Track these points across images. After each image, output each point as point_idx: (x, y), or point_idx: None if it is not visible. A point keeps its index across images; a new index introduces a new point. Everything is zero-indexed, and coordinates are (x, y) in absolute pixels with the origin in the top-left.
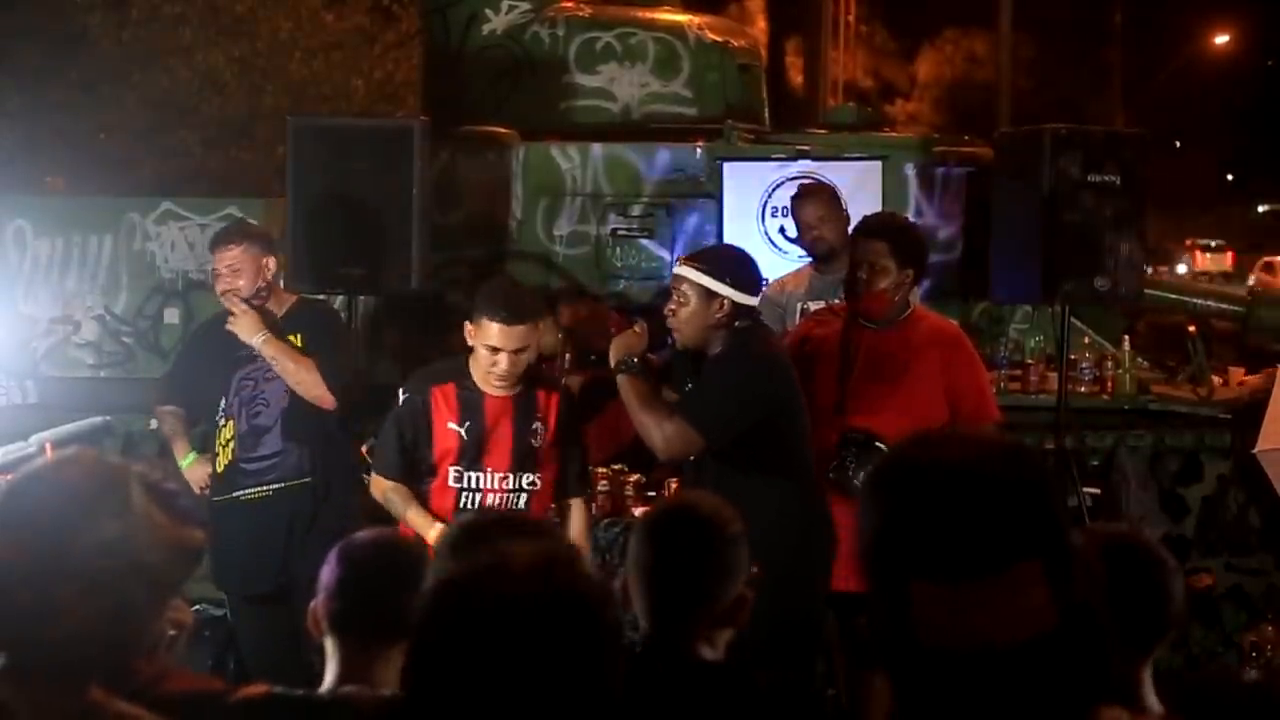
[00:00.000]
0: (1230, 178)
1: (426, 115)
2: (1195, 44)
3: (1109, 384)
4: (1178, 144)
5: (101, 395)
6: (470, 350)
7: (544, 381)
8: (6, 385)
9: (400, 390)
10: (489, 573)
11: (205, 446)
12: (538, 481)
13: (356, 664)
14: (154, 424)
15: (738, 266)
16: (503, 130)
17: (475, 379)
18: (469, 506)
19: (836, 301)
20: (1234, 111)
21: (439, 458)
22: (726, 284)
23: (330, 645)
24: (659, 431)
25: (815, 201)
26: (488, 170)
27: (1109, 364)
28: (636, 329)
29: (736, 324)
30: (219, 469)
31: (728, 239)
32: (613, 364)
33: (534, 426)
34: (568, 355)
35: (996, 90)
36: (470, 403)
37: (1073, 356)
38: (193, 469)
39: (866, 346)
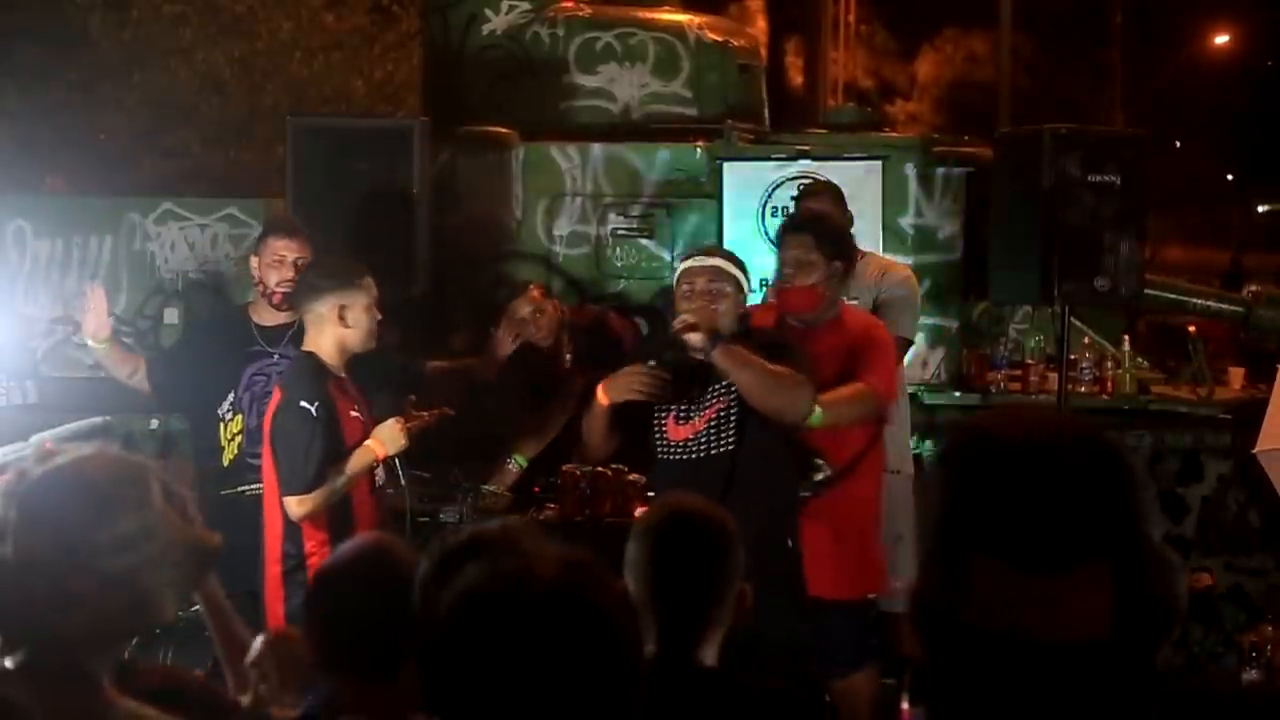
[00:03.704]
0: (1230, 178)
1: (426, 115)
2: (1195, 44)
3: (1109, 384)
4: (1178, 144)
5: (101, 395)
6: (303, 347)
7: None
8: (6, 385)
9: (300, 404)
10: (513, 584)
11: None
12: None
13: (346, 696)
14: (154, 424)
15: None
16: (503, 130)
17: (333, 362)
18: (379, 484)
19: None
20: (1234, 111)
21: (350, 448)
22: (744, 277)
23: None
24: (794, 388)
25: (820, 201)
26: (488, 170)
27: (1109, 364)
28: (698, 306)
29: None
30: (224, 462)
31: (728, 239)
32: (706, 337)
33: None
34: (568, 355)
35: (996, 90)
36: (346, 388)
37: (1073, 356)
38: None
39: None
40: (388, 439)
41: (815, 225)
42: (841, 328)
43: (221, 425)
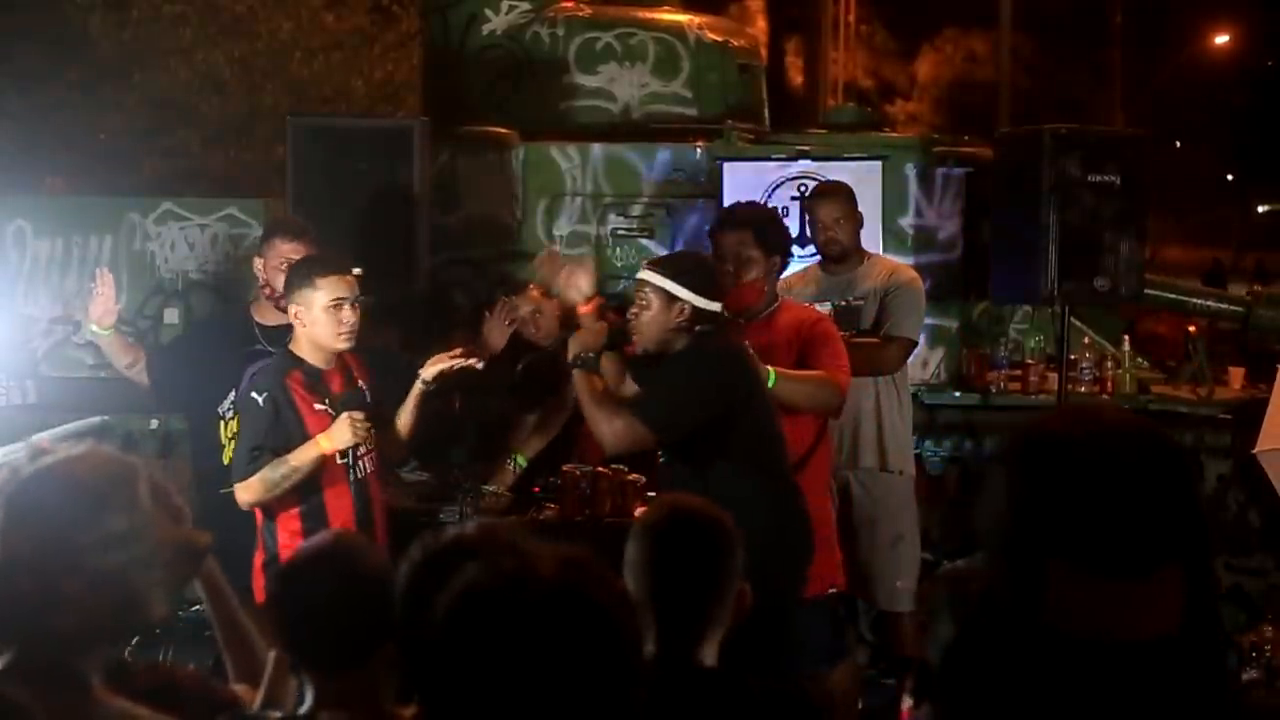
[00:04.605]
0: (1230, 178)
1: (426, 115)
2: (1195, 44)
3: (1109, 384)
4: (1178, 144)
5: (101, 395)
6: (289, 343)
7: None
8: (6, 385)
9: (250, 395)
10: (513, 582)
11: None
12: (374, 437)
13: (327, 691)
14: (154, 424)
15: (700, 272)
16: (503, 130)
17: (311, 357)
18: (359, 477)
19: (843, 303)
20: (1234, 111)
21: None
22: (687, 289)
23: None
24: (608, 426)
25: (833, 201)
26: (488, 170)
27: (1109, 364)
28: (596, 325)
29: (697, 328)
30: (225, 461)
31: None
32: (569, 358)
33: (360, 385)
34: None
35: (996, 90)
36: (317, 381)
37: (1073, 356)
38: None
39: None
40: (334, 433)
41: (753, 221)
42: (781, 321)
43: (222, 424)
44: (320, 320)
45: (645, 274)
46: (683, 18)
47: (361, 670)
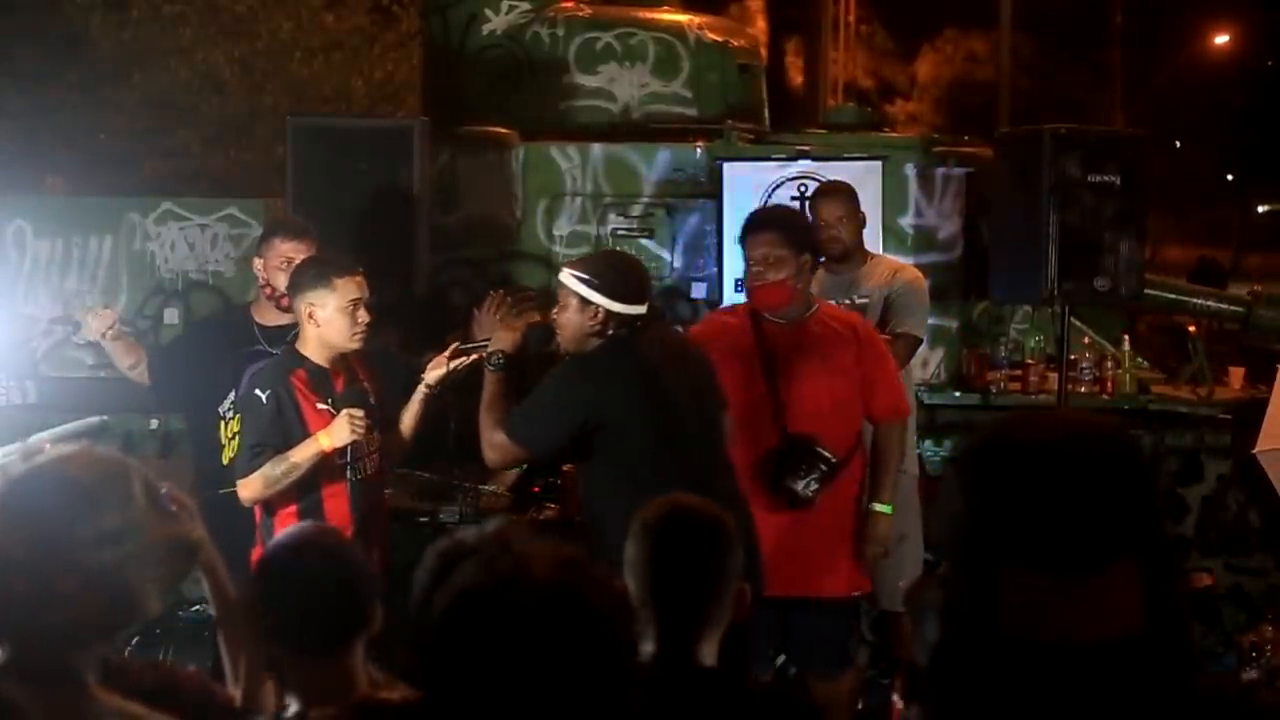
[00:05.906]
0: (1230, 178)
1: (426, 115)
2: (1195, 44)
3: (1109, 384)
4: (1178, 144)
5: (101, 395)
6: (294, 341)
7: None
8: (6, 385)
9: (254, 391)
10: (508, 583)
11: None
12: (377, 438)
13: (310, 683)
14: (154, 424)
15: (616, 276)
16: (503, 130)
17: (316, 356)
18: (358, 478)
19: (847, 302)
20: (1234, 111)
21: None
22: (601, 293)
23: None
24: (486, 439)
25: (836, 200)
26: (488, 170)
27: (1109, 364)
28: (517, 326)
29: (611, 332)
30: (224, 461)
31: (728, 239)
32: (486, 354)
33: (363, 387)
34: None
35: (996, 90)
36: (321, 380)
37: (1073, 356)
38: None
39: (783, 345)
40: (334, 431)
41: (778, 221)
42: (823, 323)
43: (222, 424)
44: (336, 320)
45: (562, 274)
46: (683, 18)
47: (342, 654)
